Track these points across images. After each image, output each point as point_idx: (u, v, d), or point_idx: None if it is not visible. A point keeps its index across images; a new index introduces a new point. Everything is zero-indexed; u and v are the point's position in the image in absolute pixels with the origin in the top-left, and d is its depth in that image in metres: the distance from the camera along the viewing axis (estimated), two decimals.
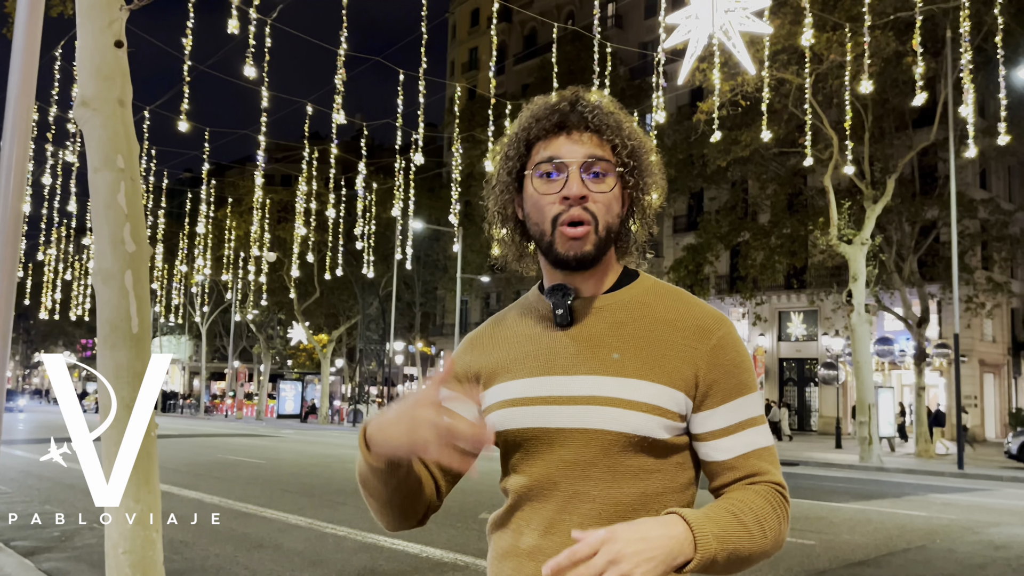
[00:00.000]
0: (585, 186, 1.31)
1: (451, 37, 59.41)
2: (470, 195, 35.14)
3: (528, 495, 1.32)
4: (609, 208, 1.33)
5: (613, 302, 1.37)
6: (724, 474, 1.32)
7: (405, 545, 7.86)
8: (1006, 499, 13.98)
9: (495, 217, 1.44)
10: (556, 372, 1.33)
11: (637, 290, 1.39)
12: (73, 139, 14.16)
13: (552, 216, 1.32)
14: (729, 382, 1.31)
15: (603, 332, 1.34)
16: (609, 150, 1.35)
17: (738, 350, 1.34)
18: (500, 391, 1.37)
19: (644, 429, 1.26)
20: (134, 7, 4.06)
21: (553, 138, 1.35)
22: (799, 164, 21.98)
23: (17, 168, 2.29)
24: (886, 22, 17.21)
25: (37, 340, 74.67)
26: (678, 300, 1.37)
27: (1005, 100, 14.31)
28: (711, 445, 1.32)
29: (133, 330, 3.84)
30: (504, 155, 1.41)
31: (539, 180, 1.35)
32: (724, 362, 1.32)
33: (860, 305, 20.54)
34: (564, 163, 1.32)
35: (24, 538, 7.98)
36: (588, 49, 19.21)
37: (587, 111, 1.35)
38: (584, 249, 1.32)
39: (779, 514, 1.28)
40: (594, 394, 1.28)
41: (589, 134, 1.34)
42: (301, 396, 44.23)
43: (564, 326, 1.36)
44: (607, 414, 1.27)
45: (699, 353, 1.31)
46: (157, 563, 3.86)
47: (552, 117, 1.35)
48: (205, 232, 29.98)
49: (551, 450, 1.30)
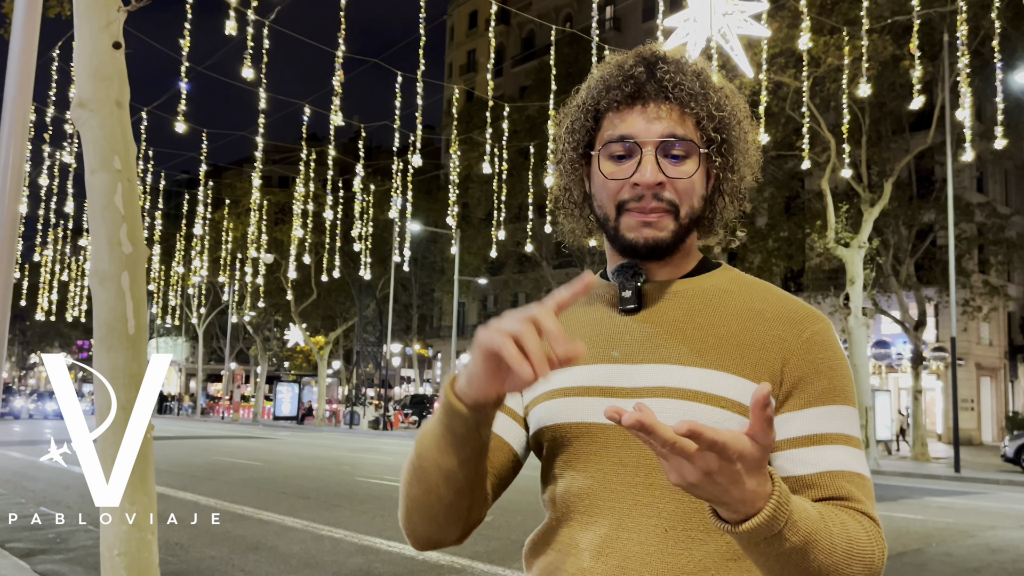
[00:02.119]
0: (661, 171, 1.12)
1: (449, 39, 59.46)
2: (468, 197, 35.16)
3: (579, 506, 1.11)
4: (691, 193, 1.14)
5: (690, 288, 1.17)
6: (802, 492, 1.04)
7: (401, 548, 7.84)
8: (1003, 503, 13.99)
9: (561, 194, 1.26)
10: (618, 361, 1.14)
11: (719, 278, 1.19)
12: (70, 140, 14.15)
13: (619, 201, 1.14)
14: (819, 383, 1.08)
15: (677, 319, 1.14)
16: (692, 125, 1.14)
17: (835, 352, 1.12)
18: (548, 378, 1.14)
19: (721, 428, 1.05)
20: (132, 8, 4.05)
21: (626, 110, 1.15)
22: (796, 167, 22.01)
23: (14, 169, 2.28)
24: (883, 26, 17.24)
25: (33, 341, 74.50)
26: (768, 291, 1.18)
27: (1002, 104, 14.33)
28: (788, 456, 1.07)
29: (129, 331, 3.83)
30: (570, 126, 1.22)
31: (607, 161, 1.15)
32: (816, 360, 1.10)
33: (857, 308, 20.56)
34: (637, 144, 1.13)
35: (20, 540, 7.96)
36: (586, 52, 19.20)
37: (667, 78, 1.13)
38: (658, 236, 1.13)
39: (874, 548, 0.99)
40: (663, 385, 1.08)
41: (668, 106, 1.13)
42: (298, 398, 44.17)
43: (631, 311, 1.17)
44: (679, 408, 1.06)
45: (789, 345, 1.10)
46: (153, 565, 3.85)
47: (625, 86, 1.14)
48: (202, 233, 29.95)
49: (607, 451, 1.10)
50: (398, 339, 48.29)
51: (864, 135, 21.55)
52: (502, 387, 0.97)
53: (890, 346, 30.76)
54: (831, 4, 17.95)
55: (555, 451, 1.16)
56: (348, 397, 49.17)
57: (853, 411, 1.10)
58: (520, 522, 8.97)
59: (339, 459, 19.24)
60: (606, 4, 46.63)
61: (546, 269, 35.83)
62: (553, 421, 1.14)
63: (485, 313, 51.69)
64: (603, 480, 1.09)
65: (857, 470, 1.06)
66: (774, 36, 15.69)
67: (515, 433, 1.22)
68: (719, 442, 0.81)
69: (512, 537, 8.34)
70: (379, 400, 42.66)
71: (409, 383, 57.22)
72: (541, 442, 1.18)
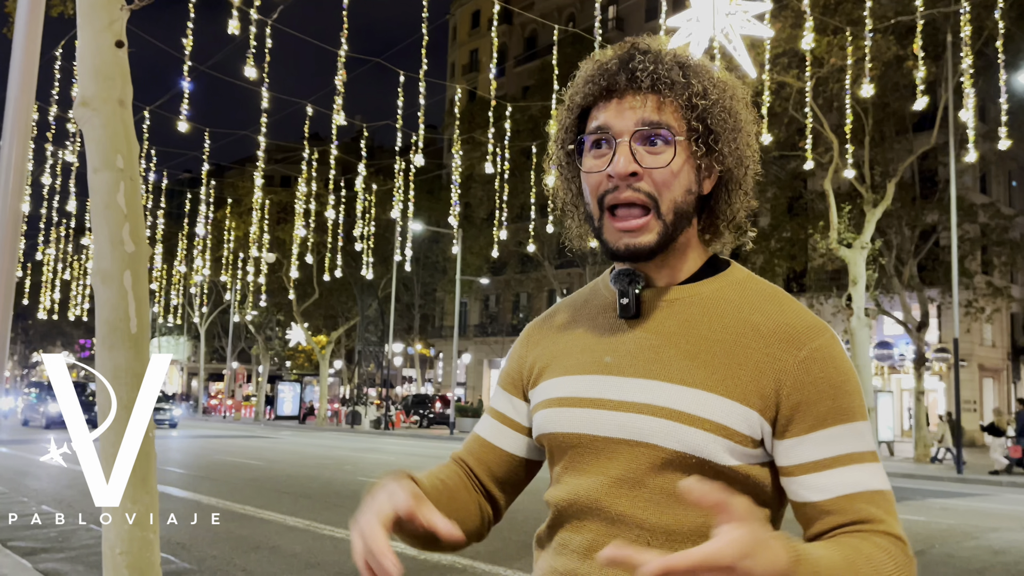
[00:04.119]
0: (635, 160, 1.09)
1: (451, 39, 59.45)
2: (470, 197, 35.16)
3: (569, 511, 1.14)
4: (671, 184, 1.10)
5: (689, 295, 1.15)
6: (821, 519, 1.04)
7: (403, 548, 7.82)
8: (1005, 504, 13.96)
9: (556, 197, 1.25)
10: (611, 371, 1.13)
11: (721, 283, 1.15)
12: (73, 139, 14.17)
13: (600, 195, 1.12)
14: (823, 405, 1.05)
15: (672, 330, 1.12)
16: (672, 114, 1.11)
17: (837, 367, 1.07)
18: (549, 387, 1.20)
19: (704, 451, 1.04)
20: (135, 7, 4.05)
21: (603, 104, 1.13)
22: (799, 168, 21.99)
23: (17, 167, 2.28)
24: (887, 26, 17.22)
25: (35, 340, 74.65)
26: (769, 300, 1.13)
27: (1006, 105, 14.31)
28: (801, 482, 1.05)
29: (132, 330, 3.83)
30: (560, 126, 1.21)
31: (588, 156, 1.14)
32: (816, 380, 1.05)
33: (860, 309, 20.54)
34: (611, 134, 1.11)
35: (22, 538, 7.96)
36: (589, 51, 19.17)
37: (640, 68, 1.11)
38: (638, 241, 1.11)
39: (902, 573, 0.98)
40: (647, 402, 1.08)
41: (643, 96, 1.11)
42: (300, 397, 44.19)
43: (628, 318, 1.16)
44: (661, 427, 1.06)
45: (784, 366, 1.06)
46: (154, 564, 3.85)
47: (601, 80, 1.13)
48: (204, 233, 29.98)
49: (597, 462, 1.11)
50: (400, 339, 48.33)
51: (867, 135, 21.54)
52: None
53: (892, 347, 30.74)
54: (834, 4, 17.93)
55: (552, 457, 1.21)
56: (350, 397, 49.20)
57: (864, 425, 1.07)
58: (522, 522, 8.94)
59: (341, 459, 19.25)
60: (609, 4, 46.65)
61: (548, 269, 35.82)
62: (548, 430, 1.18)
63: (487, 313, 51.70)
64: (590, 489, 1.11)
65: (874, 487, 1.04)
66: (777, 36, 15.66)
67: (511, 438, 1.29)
68: (697, 564, 0.80)
69: (514, 537, 8.33)
70: (381, 400, 42.69)
71: (411, 383, 57.26)
72: (542, 446, 1.23)
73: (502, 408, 1.31)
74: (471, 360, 50.27)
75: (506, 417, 1.30)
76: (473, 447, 1.32)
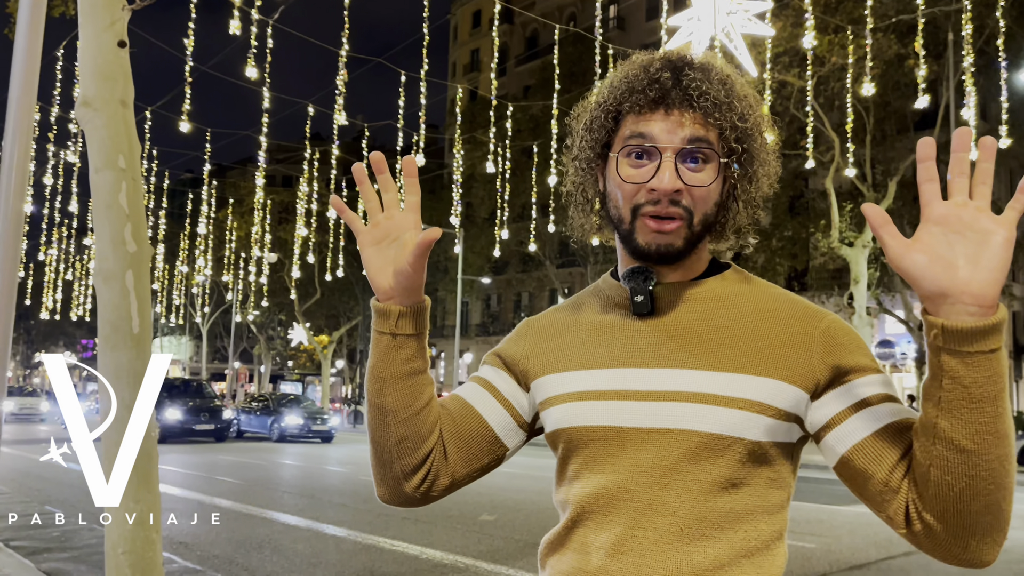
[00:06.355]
0: (679, 178, 1.12)
1: (452, 39, 59.44)
2: (471, 196, 35.15)
3: (593, 507, 1.13)
4: (707, 199, 1.15)
5: (702, 290, 1.19)
6: (902, 435, 1.06)
7: (405, 547, 7.85)
8: None
9: (574, 191, 1.26)
10: (634, 364, 1.15)
11: (729, 280, 1.21)
12: (75, 139, 14.17)
13: (635, 205, 1.15)
14: (856, 357, 1.11)
15: (691, 322, 1.15)
16: (715, 134, 1.14)
17: (854, 334, 1.14)
18: (563, 381, 1.19)
19: (740, 429, 1.07)
20: (136, 7, 4.05)
21: (649, 114, 1.14)
22: (800, 166, 21.94)
23: (18, 168, 2.29)
24: (888, 25, 17.22)
25: (38, 340, 74.69)
26: (779, 294, 1.19)
27: (1007, 103, 14.31)
28: (861, 416, 1.08)
29: (134, 330, 3.83)
30: (588, 123, 1.22)
31: (625, 161, 1.15)
32: (843, 342, 1.12)
33: (861, 308, 20.54)
34: (657, 149, 1.13)
35: (24, 538, 7.98)
36: (590, 51, 19.20)
37: (693, 86, 1.13)
38: (672, 244, 1.14)
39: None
40: (679, 389, 1.10)
41: (692, 114, 1.13)
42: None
43: (644, 315, 1.18)
44: (696, 411, 1.08)
45: (810, 337, 1.12)
46: (157, 564, 3.85)
47: (651, 90, 1.14)
48: (206, 233, 29.99)
49: (623, 453, 1.11)
50: None
51: (868, 134, 21.53)
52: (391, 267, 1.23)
53: (894, 346, 30.70)
54: (835, 3, 17.94)
55: (570, 453, 1.18)
56: (352, 396, 49.22)
57: (887, 377, 1.13)
58: (523, 521, 8.95)
59: (342, 458, 19.27)
60: (610, 3, 46.62)
61: (549, 268, 35.82)
62: (569, 424, 1.16)
63: (488, 312, 51.72)
64: (619, 481, 1.11)
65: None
66: (778, 35, 15.66)
67: (499, 415, 1.25)
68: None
69: (515, 537, 8.34)
70: None
71: None
72: (557, 443, 1.20)
73: (490, 378, 1.28)
74: (473, 360, 50.28)
75: (492, 386, 1.26)
76: (447, 402, 1.28)
